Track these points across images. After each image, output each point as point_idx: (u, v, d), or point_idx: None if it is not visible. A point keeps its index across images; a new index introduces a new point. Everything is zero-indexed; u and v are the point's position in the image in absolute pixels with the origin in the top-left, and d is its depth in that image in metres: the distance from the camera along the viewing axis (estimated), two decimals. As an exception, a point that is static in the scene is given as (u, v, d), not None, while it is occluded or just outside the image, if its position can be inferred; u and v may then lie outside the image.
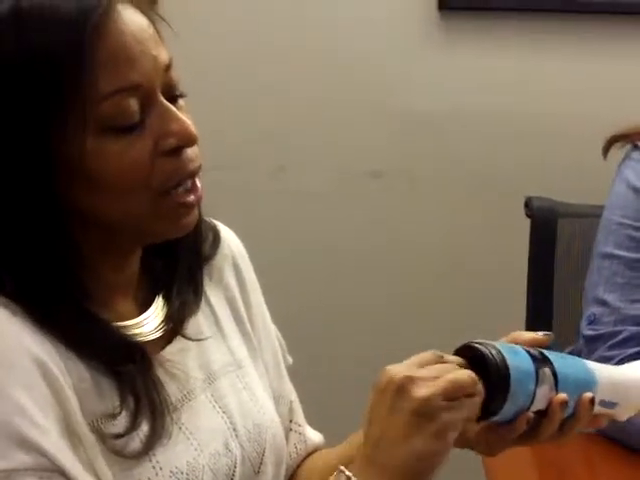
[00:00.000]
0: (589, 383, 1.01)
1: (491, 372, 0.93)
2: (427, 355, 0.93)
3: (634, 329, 1.49)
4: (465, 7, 2.34)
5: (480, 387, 0.92)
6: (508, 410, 0.94)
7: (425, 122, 2.40)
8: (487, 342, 0.95)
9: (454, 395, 0.89)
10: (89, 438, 0.94)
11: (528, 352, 0.97)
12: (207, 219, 1.17)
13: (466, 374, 0.91)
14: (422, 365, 0.92)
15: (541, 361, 0.97)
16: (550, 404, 0.97)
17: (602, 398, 1.03)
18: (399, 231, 2.45)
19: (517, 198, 1.95)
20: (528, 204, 1.91)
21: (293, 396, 1.27)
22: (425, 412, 0.89)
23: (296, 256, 2.45)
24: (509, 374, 0.93)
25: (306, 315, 2.43)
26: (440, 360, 0.93)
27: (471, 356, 0.94)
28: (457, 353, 0.95)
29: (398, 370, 0.91)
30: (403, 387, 0.90)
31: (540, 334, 1.02)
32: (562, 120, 2.36)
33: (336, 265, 2.47)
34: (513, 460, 1.47)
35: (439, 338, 1.19)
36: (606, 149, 1.64)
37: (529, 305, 1.85)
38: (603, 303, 1.53)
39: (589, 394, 1.00)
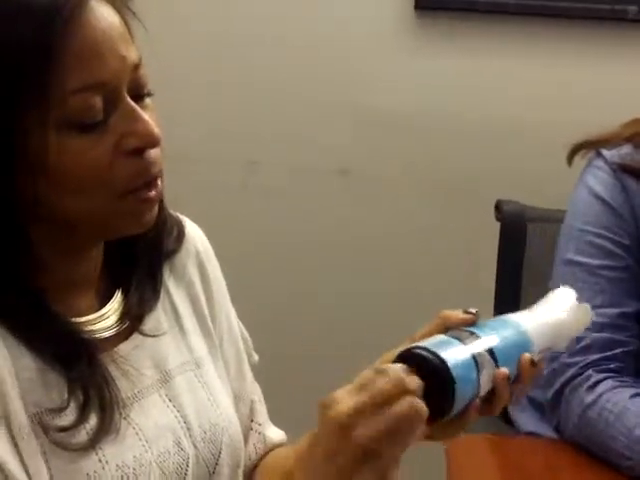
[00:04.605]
0: (525, 343, 1.01)
1: (434, 378, 0.90)
2: (368, 375, 0.87)
3: (596, 335, 1.50)
4: (441, 7, 2.34)
5: (423, 413, 0.87)
6: (457, 406, 0.93)
7: (396, 122, 2.40)
8: (420, 345, 0.92)
9: (398, 431, 0.85)
10: (27, 431, 0.93)
11: (459, 339, 0.94)
12: (173, 213, 1.16)
13: (408, 405, 0.85)
14: (364, 389, 0.86)
15: (476, 344, 0.95)
16: (495, 381, 0.96)
17: (538, 349, 1.02)
18: (365, 230, 2.45)
19: (487, 201, 1.95)
20: (498, 207, 1.91)
21: (256, 395, 1.26)
22: (369, 452, 0.84)
23: (262, 252, 2.46)
24: (452, 376, 0.90)
25: (273, 312, 2.42)
26: (381, 377, 0.87)
27: (410, 362, 0.91)
28: (396, 361, 0.92)
29: (340, 408, 0.85)
30: (346, 428, 0.84)
31: (469, 311, 0.99)
32: (534, 124, 2.36)
33: (303, 263, 2.47)
34: (477, 464, 1.48)
35: (405, 338, 1.18)
36: (570, 156, 1.64)
37: (496, 308, 1.85)
38: None
39: (527, 356, 0.99)
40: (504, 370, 0.96)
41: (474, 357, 0.94)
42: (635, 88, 2.26)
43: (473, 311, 1.00)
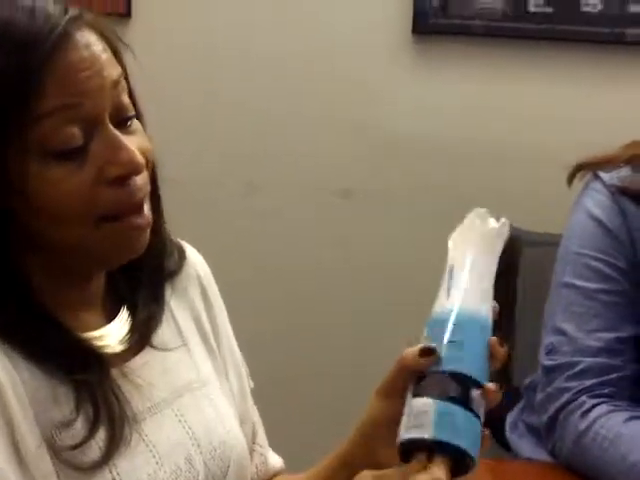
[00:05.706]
0: (487, 330, 1.02)
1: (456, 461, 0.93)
2: (414, 467, 0.92)
3: (591, 360, 1.49)
4: (438, 31, 2.36)
5: None
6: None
7: (395, 144, 2.41)
8: (430, 437, 0.93)
9: None
10: (38, 453, 0.93)
11: (452, 399, 0.94)
12: (174, 238, 1.17)
13: None
14: None
15: (463, 389, 0.95)
16: (487, 399, 0.97)
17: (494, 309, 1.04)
18: (367, 251, 2.45)
19: (484, 224, 1.95)
20: (494, 231, 1.91)
21: (256, 418, 1.27)
22: None
23: (264, 274, 2.45)
24: (472, 457, 0.93)
25: (273, 335, 2.42)
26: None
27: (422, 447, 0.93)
28: (404, 451, 0.94)
29: None
30: None
31: (428, 349, 0.99)
32: (531, 147, 2.37)
33: (304, 284, 2.46)
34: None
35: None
36: (571, 178, 1.62)
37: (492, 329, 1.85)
38: (561, 332, 1.52)
39: (494, 340, 1.02)
40: (491, 387, 0.97)
41: (472, 409, 0.94)
42: (633, 110, 2.28)
43: (432, 348, 0.99)
